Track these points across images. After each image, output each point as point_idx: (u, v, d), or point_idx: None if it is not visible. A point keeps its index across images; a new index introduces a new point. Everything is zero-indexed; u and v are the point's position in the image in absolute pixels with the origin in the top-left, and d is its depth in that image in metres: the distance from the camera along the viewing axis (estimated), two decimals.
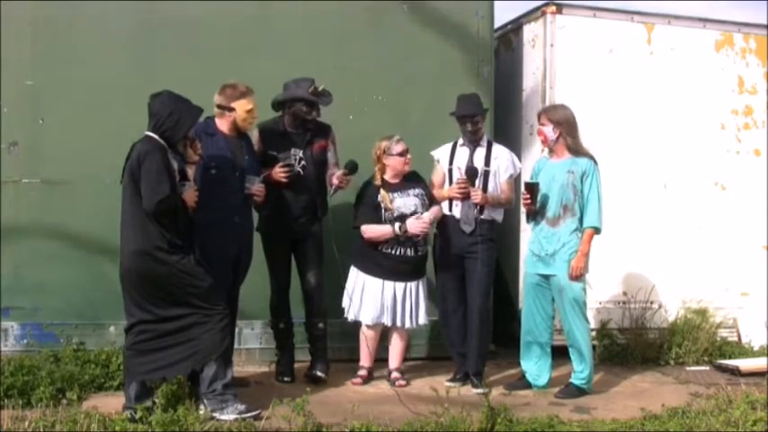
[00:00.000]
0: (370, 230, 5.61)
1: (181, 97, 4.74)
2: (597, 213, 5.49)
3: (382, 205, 5.63)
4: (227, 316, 4.77)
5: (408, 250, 5.62)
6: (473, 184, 5.64)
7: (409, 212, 5.61)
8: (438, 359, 6.10)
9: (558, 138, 5.57)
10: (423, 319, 5.73)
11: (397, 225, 5.55)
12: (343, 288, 5.69)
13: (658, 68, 6.95)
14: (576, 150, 5.56)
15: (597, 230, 5.53)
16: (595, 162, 5.58)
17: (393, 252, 5.61)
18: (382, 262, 5.63)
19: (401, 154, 5.66)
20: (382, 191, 5.65)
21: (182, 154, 4.81)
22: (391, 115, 6.31)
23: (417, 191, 5.70)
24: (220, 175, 5.12)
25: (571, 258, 5.48)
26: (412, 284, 5.67)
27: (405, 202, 5.65)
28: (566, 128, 5.56)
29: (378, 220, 5.63)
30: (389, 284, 5.63)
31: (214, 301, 4.70)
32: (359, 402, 4.83)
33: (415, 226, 5.55)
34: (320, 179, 5.69)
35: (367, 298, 5.64)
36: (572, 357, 5.64)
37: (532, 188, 5.54)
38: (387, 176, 5.71)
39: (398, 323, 5.66)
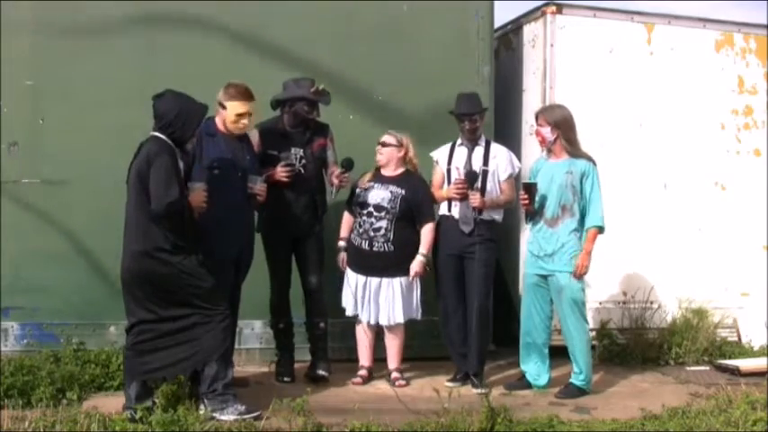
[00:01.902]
0: (343, 218, 5.77)
1: (184, 95, 4.73)
2: (600, 213, 5.50)
3: (357, 190, 5.68)
4: (229, 316, 4.77)
5: (363, 243, 5.63)
6: (472, 188, 5.64)
7: (372, 204, 5.62)
8: (438, 359, 6.09)
9: (555, 139, 5.56)
10: (384, 320, 5.65)
11: (341, 243, 5.71)
12: (342, 288, 5.75)
13: (658, 68, 6.95)
14: (574, 152, 5.55)
15: (601, 230, 5.53)
16: (594, 163, 5.58)
17: (354, 243, 5.68)
18: (348, 252, 5.72)
19: (379, 143, 5.71)
20: (370, 174, 5.71)
21: (189, 153, 4.81)
22: (391, 115, 6.31)
23: (398, 190, 5.64)
24: (222, 175, 5.11)
25: (571, 258, 5.48)
26: (372, 280, 5.63)
27: (376, 194, 5.65)
28: (563, 129, 5.55)
29: (349, 207, 5.75)
30: (353, 276, 5.68)
31: (215, 301, 4.70)
32: (359, 402, 4.84)
33: (340, 259, 5.68)
34: (320, 177, 5.71)
35: (345, 288, 5.74)
36: (571, 357, 5.64)
37: (530, 188, 5.54)
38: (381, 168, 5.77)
39: (359, 316, 5.68)
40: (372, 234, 5.61)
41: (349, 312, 5.72)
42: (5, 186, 5.91)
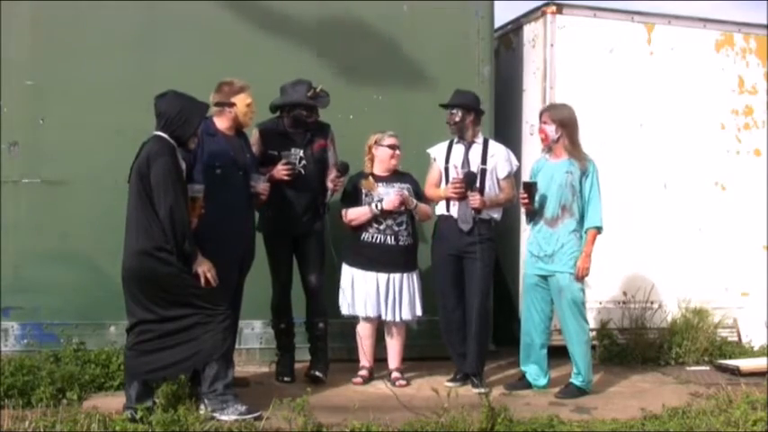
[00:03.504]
0: (351, 213, 5.70)
1: (186, 95, 4.74)
2: (599, 213, 5.49)
3: (363, 191, 5.67)
4: (230, 316, 4.77)
5: (389, 239, 5.64)
6: (471, 189, 5.63)
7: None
8: (438, 359, 6.09)
9: (559, 137, 5.56)
10: (407, 315, 5.68)
11: (374, 204, 5.61)
12: (339, 287, 5.75)
13: (658, 68, 6.95)
14: (574, 153, 5.54)
15: (600, 230, 5.53)
16: (594, 163, 5.58)
17: (373, 240, 5.65)
18: (364, 251, 5.67)
19: (390, 147, 5.70)
20: (371, 179, 5.70)
21: (190, 152, 4.83)
22: (391, 115, 6.32)
23: (404, 185, 5.72)
24: (224, 174, 5.12)
25: (571, 259, 5.48)
26: (395, 276, 5.65)
27: (386, 191, 5.67)
28: (567, 128, 5.55)
29: (357, 205, 5.70)
30: (372, 275, 5.65)
31: (216, 301, 4.69)
32: (359, 402, 4.83)
33: (390, 201, 5.57)
34: (321, 178, 5.69)
35: (355, 290, 5.68)
36: (571, 358, 5.64)
37: (530, 188, 5.54)
38: (375, 170, 5.75)
39: (382, 316, 5.67)
40: (397, 229, 5.64)
41: (371, 314, 5.67)
42: (5, 186, 5.90)
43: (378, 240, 5.65)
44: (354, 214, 5.68)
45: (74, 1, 6.01)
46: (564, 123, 5.55)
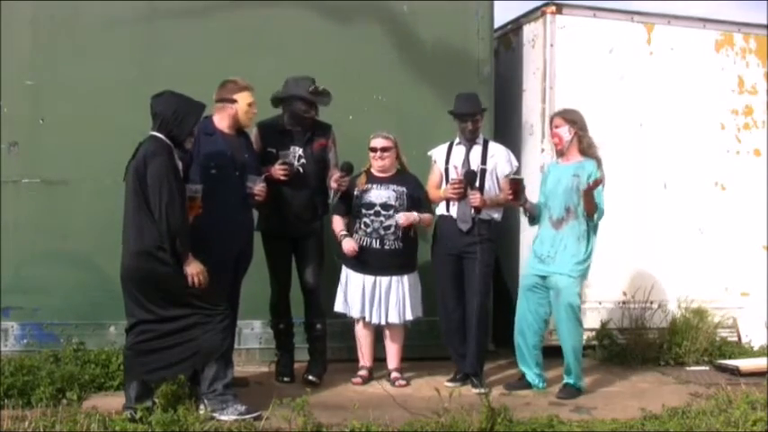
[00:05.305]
0: (333, 220, 5.72)
1: (182, 95, 4.75)
2: (602, 204, 5.46)
3: (356, 192, 5.66)
4: (228, 316, 4.78)
5: (374, 242, 5.62)
6: (471, 187, 5.63)
7: (379, 203, 5.62)
8: (438, 359, 6.09)
9: (572, 139, 5.55)
10: (394, 318, 5.66)
11: (342, 233, 5.64)
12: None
13: (658, 68, 6.94)
14: (589, 151, 5.53)
15: (596, 215, 5.49)
16: (600, 163, 5.57)
17: (360, 243, 5.64)
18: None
19: (372, 149, 5.69)
20: (363, 176, 5.69)
21: (187, 152, 4.83)
22: (391, 115, 6.32)
23: (400, 188, 5.68)
24: (221, 174, 5.11)
25: (571, 261, 5.46)
26: (383, 279, 5.64)
27: (379, 194, 5.66)
28: (581, 129, 5.56)
29: (348, 208, 5.69)
30: (359, 277, 5.66)
31: (215, 301, 4.70)
32: (359, 402, 4.83)
33: (347, 245, 5.59)
34: (320, 177, 5.68)
35: (347, 289, 5.70)
36: (564, 358, 5.63)
37: (517, 184, 5.52)
38: (373, 169, 5.75)
39: (366, 318, 5.67)
40: (383, 233, 5.61)
41: (355, 315, 5.69)
42: (5, 186, 5.91)
43: (364, 243, 5.64)
44: (333, 223, 5.72)
45: (74, 1, 6.02)
46: (576, 121, 5.56)
